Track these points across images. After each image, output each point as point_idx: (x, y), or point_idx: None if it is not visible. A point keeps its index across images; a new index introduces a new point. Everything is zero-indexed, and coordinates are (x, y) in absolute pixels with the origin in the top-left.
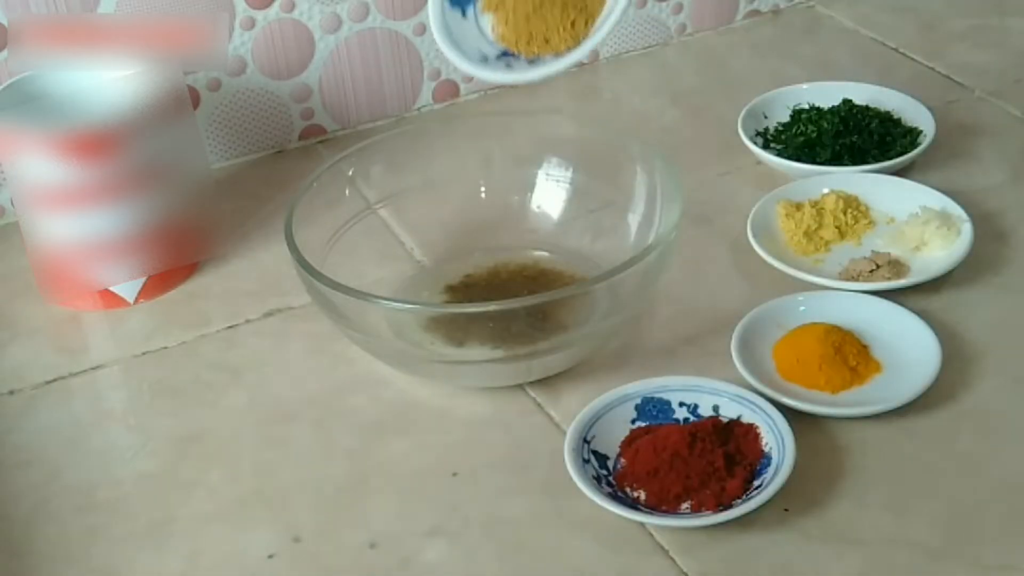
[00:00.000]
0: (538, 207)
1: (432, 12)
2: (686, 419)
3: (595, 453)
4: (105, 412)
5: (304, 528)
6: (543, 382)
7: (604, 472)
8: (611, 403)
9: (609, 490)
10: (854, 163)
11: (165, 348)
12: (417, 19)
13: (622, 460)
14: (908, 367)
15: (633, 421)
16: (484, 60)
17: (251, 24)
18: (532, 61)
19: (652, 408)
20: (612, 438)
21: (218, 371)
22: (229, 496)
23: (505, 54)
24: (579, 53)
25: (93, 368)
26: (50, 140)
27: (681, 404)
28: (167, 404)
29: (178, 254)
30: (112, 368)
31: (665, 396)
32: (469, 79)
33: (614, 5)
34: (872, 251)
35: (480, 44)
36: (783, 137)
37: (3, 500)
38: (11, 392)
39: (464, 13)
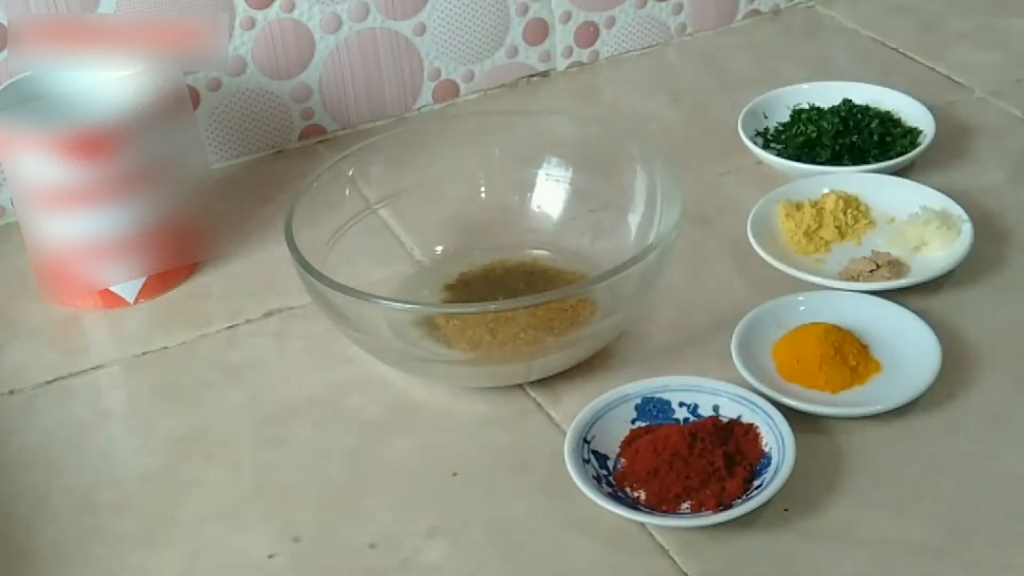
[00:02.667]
0: (538, 207)
1: None
2: (686, 419)
3: (595, 453)
4: (105, 412)
5: (304, 528)
6: (543, 382)
7: (604, 472)
8: (611, 403)
9: (609, 490)
10: (854, 163)
11: (165, 348)
12: (417, 19)
13: (622, 460)
14: (908, 367)
15: (633, 421)
16: None
17: (251, 24)
18: None
19: (652, 408)
20: (612, 438)
21: (218, 371)
22: (229, 496)
23: None
24: None
25: (93, 368)
26: (50, 140)
27: (681, 404)
28: (167, 404)
29: (178, 254)
30: (112, 368)
31: (665, 396)
32: (469, 79)
33: None
34: (872, 251)
35: None
36: (783, 137)
37: (3, 500)
38: (11, 392)
39: None
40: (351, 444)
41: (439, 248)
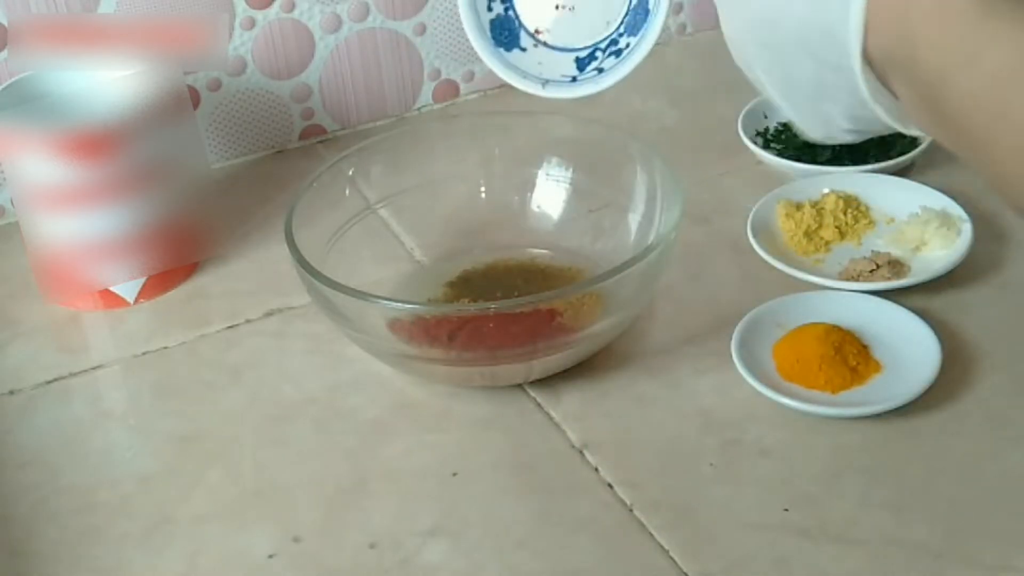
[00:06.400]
0: (538, 207)
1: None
2: None
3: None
4: (105, 412)
5: (304, 528)
6: (543, 382)
7: None
8: None
9: None
10: (854, 163)
11: (165, 348)
12: (417, 19)
13: None
14: (908, 367)
15: None
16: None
17: (251, 24)
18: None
19: None
20: None
21: (218, 371)
22: (229, 496)
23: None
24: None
25: (93, 368)
26: (50, 140)
27: None
28: (167, 404)
29: (178, 254)
30: (112, 368)
31: None
32: (470, 79)
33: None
34: (872, 251)
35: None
36: (783, 137)
37: (3, 500)
38: (11, 392)
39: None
40: (351, 444)
41: (439, 248)
